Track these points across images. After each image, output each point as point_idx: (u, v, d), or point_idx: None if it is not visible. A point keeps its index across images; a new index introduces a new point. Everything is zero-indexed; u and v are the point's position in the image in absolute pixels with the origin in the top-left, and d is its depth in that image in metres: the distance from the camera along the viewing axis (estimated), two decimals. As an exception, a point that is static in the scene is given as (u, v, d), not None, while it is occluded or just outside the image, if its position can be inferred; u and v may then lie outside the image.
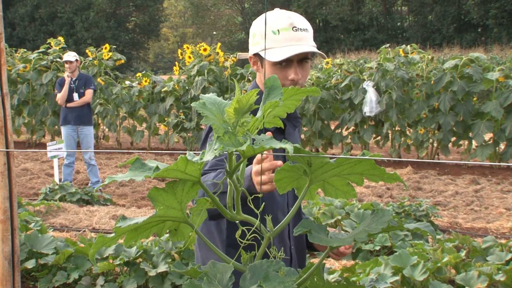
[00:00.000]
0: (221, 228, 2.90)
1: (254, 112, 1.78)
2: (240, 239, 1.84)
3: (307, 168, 1.82)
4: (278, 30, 2.90)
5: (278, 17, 2.95)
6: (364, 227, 1.95)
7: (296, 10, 54.49)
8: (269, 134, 1.77)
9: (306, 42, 2.93)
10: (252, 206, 1.86)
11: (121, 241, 7.72)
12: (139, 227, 1.78)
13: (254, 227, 1.86)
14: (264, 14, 2.93)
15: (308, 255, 8.02)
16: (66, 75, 13.26)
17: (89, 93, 13.27)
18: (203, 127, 18.17)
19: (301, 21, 2.97)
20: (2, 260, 2.81)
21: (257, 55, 3.03)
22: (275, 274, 1.70)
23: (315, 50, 2.94)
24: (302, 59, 2.95)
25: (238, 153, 1.72)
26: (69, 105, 13.05)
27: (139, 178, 1.69)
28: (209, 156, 1.66)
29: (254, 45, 3.03)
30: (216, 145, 1.68)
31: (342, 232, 2.03)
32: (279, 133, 3.03)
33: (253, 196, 1.94)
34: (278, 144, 1.68)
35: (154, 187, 1.76)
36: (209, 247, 1.88)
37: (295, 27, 2.92)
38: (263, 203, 1.91)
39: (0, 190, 2.82)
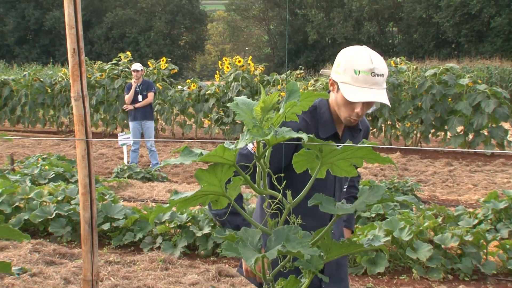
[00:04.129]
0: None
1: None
2: (266, 209, 1.83)
3: (319, 153, 1.82)
4: (359, 71, 2.74)
5: (363, 58, 2.77)
6: (363, 199, 1.95)
7: (310, 30, 54.44)
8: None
9: (379, 86, 2.78)
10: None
11: (174, 209, 7.76)
12: (188, 199, 1.78)
13: (277, 199, 1.85)
14: (354, 50, 2.83)
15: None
16: (133, 81, 13.35)
17: (151, 95, 13.35)
18: (238, 122, 18.23)
19: (381, 67, 2.79)
20: (83, 224, 2.82)
21: (335, 81, 2.87)
22: (294, 236, 1.70)
23: (382, 100, 2.78)
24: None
25: (264, 141, 1.72)
26: (136, 105, 13.14)
27: (187, 162, 1.70)
28: (241, 144, 1.67)
29: (337, 73, 2.85)
30: (247, 136, 1.69)
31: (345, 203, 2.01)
32: (334, 138, 2.96)
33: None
34: (295, 134, 1.69)
35: (199, 169, 1.76)
36: (243, 216, 1.87)
37: (374, 72, 2.75)
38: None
39: (81, 170, 2.82)
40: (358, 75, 2.76)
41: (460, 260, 6.55)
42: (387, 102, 2.77)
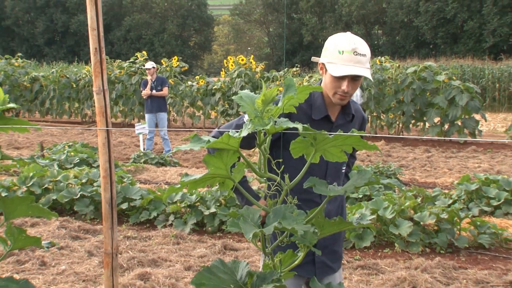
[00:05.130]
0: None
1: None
2: (267, 191, 1.82)
3: (313, 141, 1.81)
4: (343, 51, 2.75)
5: (346, 41, 2.79)
6: (352, 182, 1.94)
7: (305, 33, 54.32)
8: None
9: (362, 65, 2.78)
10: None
11: (185, 190, 7.76)
12: (197, 180, 1.77)
13: (277, 182, 1.84)
14: (338, 35, 2.85)
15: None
16: (148, 78, 13.34)
17: (165, 89, 13.39)
18: (241, 113, 18.21)
19: (363, 47, 2.80)
20: (104, 203, 2.81)
21: (324, 64, 2.87)
22: (290, 214, 1.69)
23: (364, 74, 2.77)
24: (355, 77, 2.78)
25: (264, 130, 1.71)
26: (153, 93, 13.17)
27: (196, 148, 1.69)
28: (244, 133, 1.66)
29: (324, 56, 2.86)
30: (249, 125, 1.68)
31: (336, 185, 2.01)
32: (326, 120, 2.96)
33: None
34: (291, 124, 1.68)
35: (207, 154, 1.75)
36: (245, 196, 1.86)
37: (356, 52, 2.76)
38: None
39: (102, 156, 2.81)
40: (342, 54, 2.77)
41: (436, 235, 6.55)
42: (370, 77, 2.77)
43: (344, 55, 2.77)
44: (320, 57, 2.92)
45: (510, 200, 7.84)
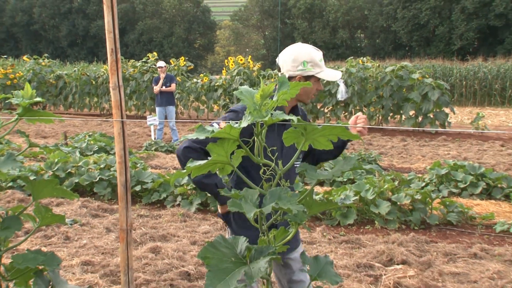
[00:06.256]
0: (254, 174, 2.77)
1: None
2: (262, 175, 1.81)
3: (304, 131, 1.80)
4: (320, 59, 2.81)
5: (314, 51, 2.82)
6: (338, 167, 1.93)
7: (297, 36, 54.21)
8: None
9: None
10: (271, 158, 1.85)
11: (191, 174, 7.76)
12: (201, 166, 1.76)
13: (271, 168, 1.83)
14: (302, 48, 2.83)
15: (304, 183, 8.04)
16: (161, 75, 13.31)
17: (173, 86, 13.35)
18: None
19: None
20: (120, 186, 2.81)
21: (306, 77, 2.80)
22: (285, 196, 1.69)
23: (339, 73, 2.92)
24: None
25: (262, 122, 1.71)
26: (162, 89, 13.14)
27: (201, 137, 1.68)
28: (244, 123, 1.65)
29: (308, 70, 2.79)
30: (249, 117, 1.67)
31: (325, 170, 2.00)
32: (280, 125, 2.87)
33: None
34: (287, 117, 1.67)
35: (211, 143, 1.74)
36: (244, 180, 1.85)
37: (321, 58, 2.86)
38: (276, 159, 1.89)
39: (118, 144, 2.80)
40: (321, 62, 2.82)
41: (411, 214, 6.56)
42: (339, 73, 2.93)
43: (322, 62, 2.83)
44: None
45: (475, 183, 7.88)
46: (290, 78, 2.84)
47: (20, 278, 2.19)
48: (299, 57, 2.81)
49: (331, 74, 2.84)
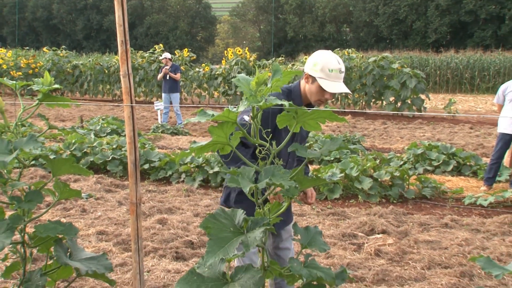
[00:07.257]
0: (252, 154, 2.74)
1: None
2: (258, 154, 1.80)
3: (295, 115, 1.79)
4: (332, 70, 2.71)
5: (334, 61, 2.74)
6: (326, 147, 1.92)
7: (289, 30, 53.82)
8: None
9: (341, 80, 2.78)
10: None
11: (193, 154, 7.74)
12: (203, 146, 1.75)
13: (266, 148, 1.82)
14: (327, 54, 2.78)
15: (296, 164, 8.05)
16: (165, 66, 13.22)
17: (178, 74, 13.24)
18: (238, 93, 18.12)
19: (343, 66, 2.78)
20: (130, 164, 2.79)
21: (312, 77, 2.79)
22: (278, 173, 1.68)
23: (347, 91, 2.73)
24: None
25: (257, 106, 1.69)
26: (170, 74, 13.06)
27: (203, 120, 1.67)
28: (241, 108, 1.64)
29: (315, 71, 2.77)
30: (245, 102, 1.66)
31: (314, 150, 1.99)
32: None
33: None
34: (279, 102, 1.66)
35: (211, 125, 1.73)
36: (241, 158, 1.83)
37: (341, 70, 2.74)
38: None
39: (128, 127, 2.78)
40: (331, 72, 2.74)
41: (390, 189, 6.58)
42: (349, 91, 2.73)
43: (333, 73, 2.74)
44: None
45: (447, 161, 7.90)
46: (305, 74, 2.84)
47: (42, 246, 2.21)
48: (316, 60, 2.80)
49: (331, 85, 2.75)
